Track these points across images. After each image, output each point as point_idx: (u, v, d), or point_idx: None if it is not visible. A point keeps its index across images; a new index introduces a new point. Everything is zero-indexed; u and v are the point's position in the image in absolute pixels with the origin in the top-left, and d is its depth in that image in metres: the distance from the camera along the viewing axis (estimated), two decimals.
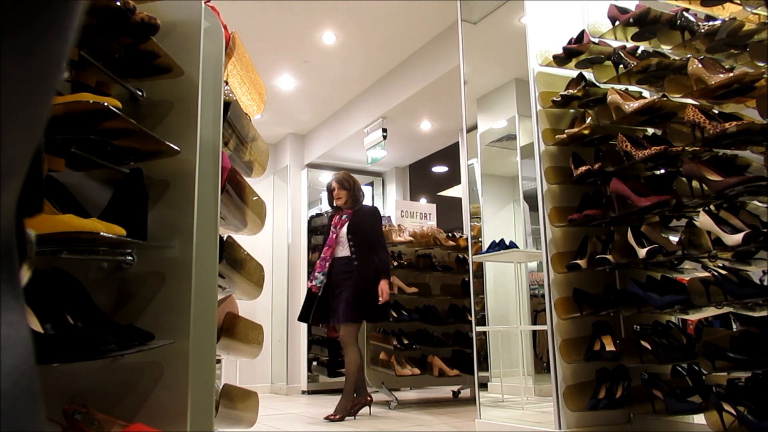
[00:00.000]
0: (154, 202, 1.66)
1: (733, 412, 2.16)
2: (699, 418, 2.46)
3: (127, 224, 1.40)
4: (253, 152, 2.42)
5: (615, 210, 2.65)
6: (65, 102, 1.34)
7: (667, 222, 2.80)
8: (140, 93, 1.75)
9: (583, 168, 2.80)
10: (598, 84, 2.92)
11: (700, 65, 2.36)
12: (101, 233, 1.25)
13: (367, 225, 4.10)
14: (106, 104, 1.35)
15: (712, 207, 2.43)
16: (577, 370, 2.79)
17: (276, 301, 6.58)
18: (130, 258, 1.62)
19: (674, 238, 2.67)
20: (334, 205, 4.21)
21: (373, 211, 4.32)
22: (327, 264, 4.02)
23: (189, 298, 1.61)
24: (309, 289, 4.08)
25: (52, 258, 1.49)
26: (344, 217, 4.12)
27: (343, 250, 4.05)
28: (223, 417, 2.01)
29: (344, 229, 4.07)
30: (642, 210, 2.55)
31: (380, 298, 3.94)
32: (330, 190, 4.25)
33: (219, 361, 3.91)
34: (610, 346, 2.70)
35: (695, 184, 2.36)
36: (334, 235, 4.07)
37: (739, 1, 2.41)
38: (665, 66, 2.62)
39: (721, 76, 2.31)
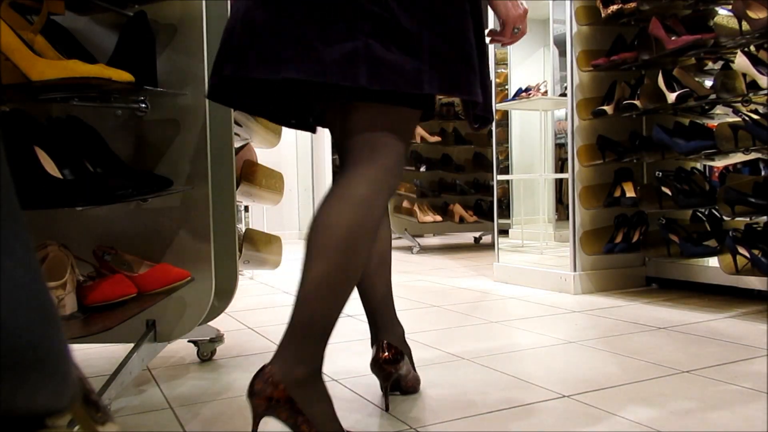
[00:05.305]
0: (163, 48, 1.61)
1: (747, 255, 2.19)
2: (713, 262, 2.50)
3: (135, 70, 1.37)
4: None
5: (653, 51, 2.49)
6: None
7: (702, 66, 2.66)
8: None
9: (614, 7, 2.62)
10: None
11: None
12: (107, 78, 1.23)
13: None
14: None
15: (751, 48, 2.29)
16: (596, 217, 2.82)
17: (301, 151, 6.62)
18: (144, 106, 1.61)
19: (708, 83, 2.55)
20: None
21: None
22: None
23: (205, 145, 1.62)
24: None
25: (66, 107, 1.49)
26: None
27: None
28: (248, 259, 2.10)
29: None
30: (676, 51, 2.41)
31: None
32: None
33: (247, 209, 4.01)
34: (630, 192, 2.69)
35: (732, 23, 2.20)
36: None
37: None
38: None
39: None
